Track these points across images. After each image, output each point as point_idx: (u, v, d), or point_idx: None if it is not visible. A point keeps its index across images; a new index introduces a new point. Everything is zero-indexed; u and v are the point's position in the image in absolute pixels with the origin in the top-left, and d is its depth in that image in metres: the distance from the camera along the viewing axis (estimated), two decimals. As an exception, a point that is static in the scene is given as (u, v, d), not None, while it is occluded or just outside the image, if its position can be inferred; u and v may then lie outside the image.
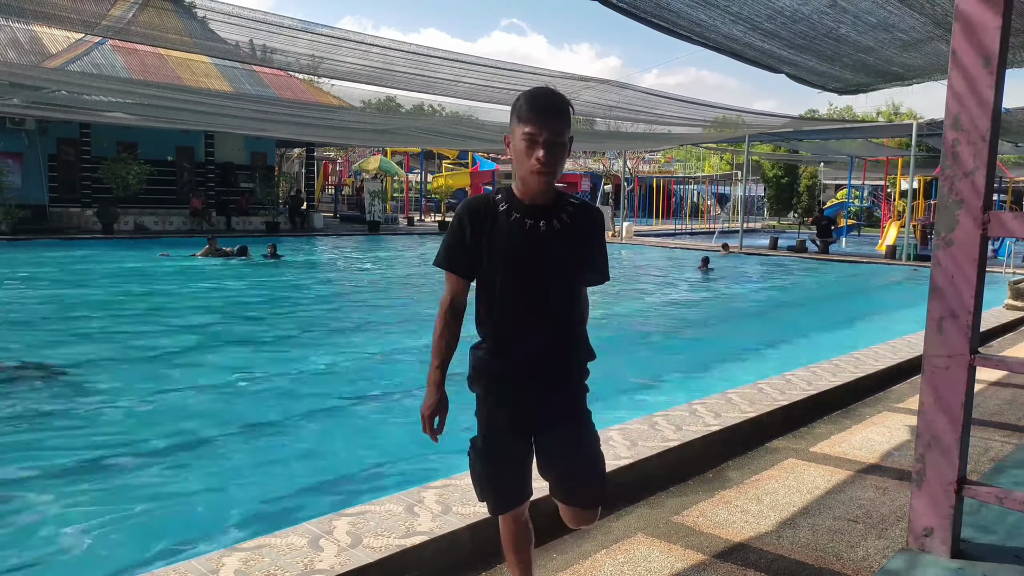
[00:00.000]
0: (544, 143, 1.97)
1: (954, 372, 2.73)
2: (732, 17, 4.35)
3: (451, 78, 10.93)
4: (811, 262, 20.05)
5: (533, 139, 1.97)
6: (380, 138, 23.42)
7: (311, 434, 5.43)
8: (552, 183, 2.05)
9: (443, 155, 38.35)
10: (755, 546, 2.99)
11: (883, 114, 43.47)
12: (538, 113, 1.98)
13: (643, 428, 4.20)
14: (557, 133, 1.98)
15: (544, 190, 2.05)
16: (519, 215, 2.07)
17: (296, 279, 14.55)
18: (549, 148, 1.97)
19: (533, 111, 1.98)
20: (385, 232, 26.68)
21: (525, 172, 2.02)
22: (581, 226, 2.12)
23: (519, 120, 2.00)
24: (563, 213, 2.10)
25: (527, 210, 2.08)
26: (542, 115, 1.98)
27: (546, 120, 1.97)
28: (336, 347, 8.30)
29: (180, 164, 25.20)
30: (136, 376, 6.72)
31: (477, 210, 2.10)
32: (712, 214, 37.88)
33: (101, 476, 4.48)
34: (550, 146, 1.97)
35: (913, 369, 6.11)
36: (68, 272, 14.06)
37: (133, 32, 9.91)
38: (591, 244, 2.15)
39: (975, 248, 2.66)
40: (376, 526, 2.88)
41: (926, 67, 5.50)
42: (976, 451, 4.14)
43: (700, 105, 13.78)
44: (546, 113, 1.98)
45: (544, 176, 2.00)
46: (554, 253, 2.08)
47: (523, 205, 2.08)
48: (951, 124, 2.70)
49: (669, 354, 8.45)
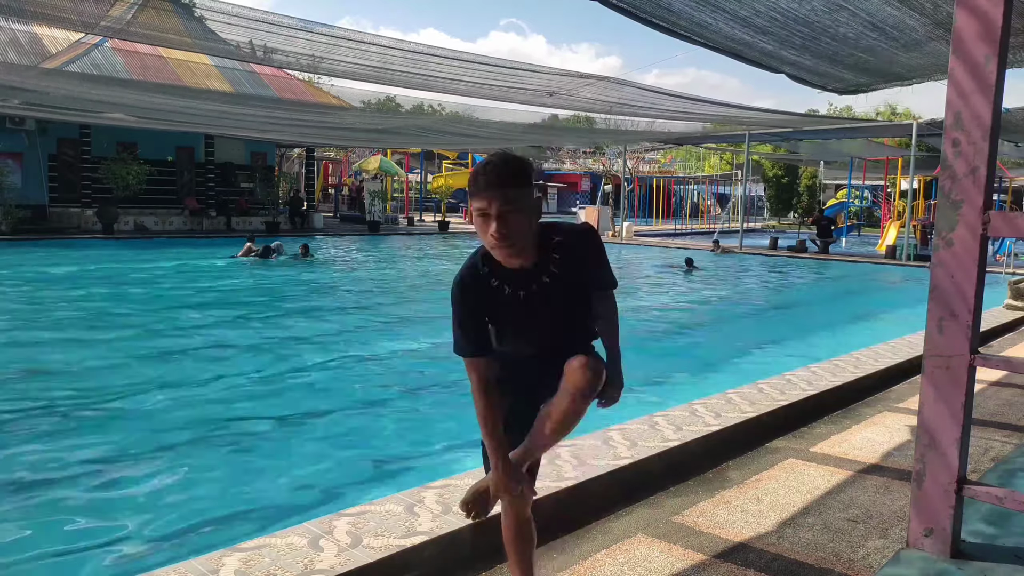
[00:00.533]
0: (496, 216, 1.90)
1: (954, 372, 2.72)
2: (732, 17, 4.35)
3: (450, 76, 10.93)
4: (811, 262, 20.05)
5: (484, 213, 1.92)
6: (381, 138, 23.41)
7: (311, 434, 5.43)
8: (521, 249, 1.99)
9: (443, 155, 38.37)
10: (755, 546, 2.99)
11: (882, 114, 43.47)
12: (485, 186, 1.91)
13: (643, 428, 4.20)
14: (508, 201, 1.90)
15: (519, 255, 2.00)
16: (507, 285, 2.06)
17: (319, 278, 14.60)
18: (502, 219, 1.90)
19: (478, 184, 1.92)
20: (385, 232, 26.70)
21: (488, 247, 1.99)
22: (571, 265, 2.09)
23: (470, 195, 1.96)
24: (550, 265, 2.07)
25: (511, 277, 2.05)
26: (489, 188, 1.90)
27: (494, 191, 1.89)
28: (338, 347, 8.30)
29: (180, 164, 25.21)
30: (136, 376, 6.72)
31: (468, 288, 2.09)
32: (712, 214, 37.88)
33: (101, 476, 4.48)
34: (503, 217, 1.90)
35: (913, 369, 6.11)
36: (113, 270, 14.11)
37: (133, 32, 9.91)
38: (587, 270, 2.14)
39: (975, 248, 2.66)
40: (376, 526, 2.88)
41: (926, 67, 5.51)
42: (976, 451, 4.14)
43: (701, 102, 13.79)
44: (492, 184, 1.90)
45: (504, 248, 1.95)
46: (551, 307, 2.10)
47: (506, 272, 2.05)
48: (951, 124, 2.70)
49: (669, 354, 8.44)
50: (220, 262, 15.85)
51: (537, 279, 2.07)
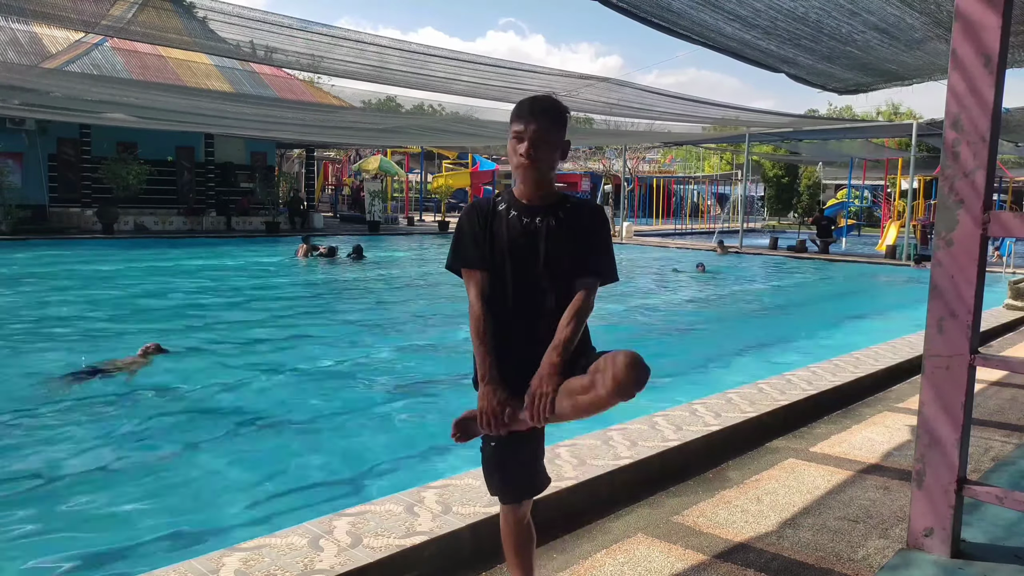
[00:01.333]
0: (529, 137, 2.08)
1: (954, 372, 2.73)
2: (732, 16, 4.35)
3: (449, 76, 10.93)
4: (811, 262, 20.05)
5: (519, 135, 2.10)
6: (381, 136, 23.41)
7: (311, 434, 5.42)
8: (542, 177, 2.14)
9: (443, 155, 38.36)
10: (755, 546, 2.99)
11: (883, 114, 43.44)
12: (525, 112, 2.11)
13: (643, 428, 4.20)
14: (542, 130, 2.09)
15: (534, 180, 2.14)
16: (516, 213, 2.18)
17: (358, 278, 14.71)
18: (533, 142, 2.08)
19: (521, 111, 2.12)
20: (386, 232, 26.71)
21: (514, 167, 2.14)
22: (576, 222, 2.18)
23: (510, 122, 2.14)
24: (560, 211, 2.18)
25: (523, 208, 2.18)
26: (528, 113, 2.11)
27: (531, 117, 2.10)
28: (340, 347, 8.30)
29: (180, 164, 25.21)
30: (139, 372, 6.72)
31: (480, 208, 2.23)
32: (712, 214, 37.87)
33: (101, 476, 4.48)
34: (535, 140, 2.08)
35: (913, 369, 6.10)
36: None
37: (133, 31, 9.92)
38: (587, 239, 2.17)
39: (975, 248, 2.66)
40: (376, 526, 2.88)
41: (926, 67, 5.51)
42: (976, 451, 4.14)
43: (701, 103, 13.79)
44: (532, 112, 2.11)
45: (528, 167, 2.10)
46: (547, 248, 2.14)
47: (520, 204, 2.19)
48: (951, 124, 2.70)
49: (669, 354, 8.44)
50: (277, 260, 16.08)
51: (544, 216, 2.16)
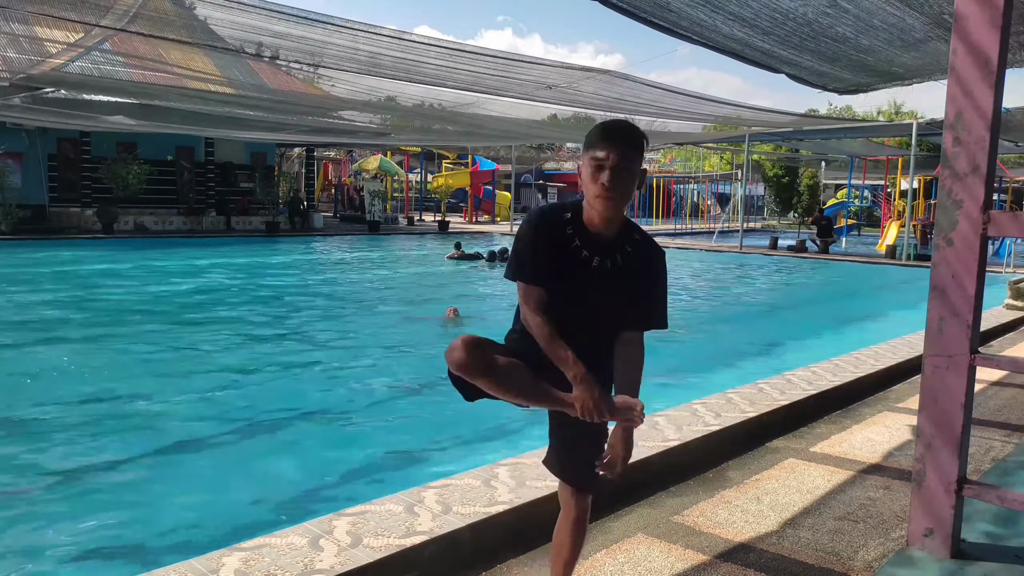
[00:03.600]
0: (611, 167, 1.97)
1: (954, 372, 2.72)
2: (732, 17, 4.35)
3: (447, 66, 10.87)
4: (811, 262, 20.05)
5: (600, 164, 1.98)
6: (381, 134, 23.37)
7: (311, 434, 5.43)
8: (618, 210, 2.04)
9: (443, 155, 38.35)
10: (755, 546, 2.99)
11: (884, 113, 43.40)
12: (607, 139, 1.98)
13: (643, 428, 4.17)
14: (626, 159, 1.98)
15: (609, 216, 2.05)
16: (580, 244, 2.08)
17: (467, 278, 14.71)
18: (615, 172, 1.97)
19: (603, 137, 1.99)
20: (386, 232, 26.73)
21: (591, 196, 2.03)
22: (638, 264, 2.12)
23: (589, 147, 2.01)
24: (625, 248, 2.11)
25: (589, 240, 2.08)
26: (611, 141, 1.98)
27: (614, 146, 1.97)
28: (341, 347, 8.30)
29: (180, 164, 25.21)
30: (138, 373, 6.72)
31: (548, 222, 2.09)
32: (712, 214, 37.85)
33: (102, 475, 4.48)
34: (616, 171, 1.97)
35: (913, 369, 6.10)
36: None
37: (133, 30, 9.93)
38: (645, 284, 2.14)
39: (975, 247, 2.66)
40: (376, 526, 2.88)
41: (926, 67, 5.50)
42: (977, 451, 4.14)
43: (702, 99, 13.75)
44: (615, 140, 1.98)
45: (607, 201, 2.00)
46: (603, 289, 2.09)
47: (587, 234, 2.08)
48: (951, 124, 2.70)
49: (669, 354, 8.43)
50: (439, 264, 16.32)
51: (611, 254, 2.09)
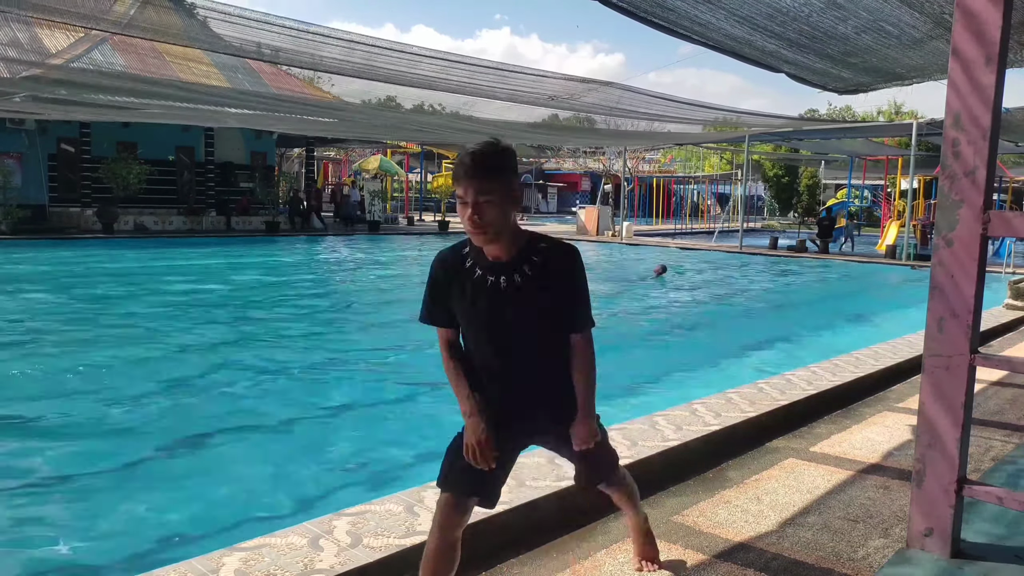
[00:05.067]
0: (472, 203, 1.98)
1: (954, 372, 2.72)
2: (732, 16, 4.35)
3: (451, 78, 10.94)
4: (811, 262, 20.05)
5: (462, 200, 2.00)
6: (381, 129, 23.36)
7: (311, 433, 5.43)
8: (497, 238, 2.05)
9: (443, 155, 38.33)
10: (755, 546, 2.99)
11: (884, 114, 43.38)
12: (463, 175, 1.99)
13: (643, 428, 4.20)
14: (484, 192, 1.97)
15: (489, 246, 2.07)
16: (481, 272, 2.11)
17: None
18: (477, 208, 1.98)
19: (458, 173, 2.00)
20: (386, 232, 26.74)
21: (467, 231, 2.05)
22: (546, 275, 2.10)
23: (453, 181, 2.04)
24: (526, 265, 2.10)
25: (489, 266, 2.11)
26: (466, 176, 1.98)
27: (470, 180, 1.97)
28: (342, 347, 8.30)
29: (180, 164, 25.20)
30: (138, 373, 6.72)
31: (446, 263, 2.17)
32: (712, 214, 37.86)
33: (102, 475, 4.48)
34: (477, 206, 1.98)
35: (913, 369, 6.10)
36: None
37: (133, 30, 9.95)
38: (560, 290, 2.12)
39: (975, 247, 2.65)
40: (376, 526, 2.88)
41: (926, 66, 5.50)
42: (977, 451, 4.14)
43: (700, 107, 13.78)
44: (470, 175, 1.97)
45: (481, 235, 2.02)
46: (514, 309, 2.10)
47: (486, 261, 2.11)
48: (951, 123, 2.69)
49: (669, 354, 8.45)
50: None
51: (510, 274, 2.09)
